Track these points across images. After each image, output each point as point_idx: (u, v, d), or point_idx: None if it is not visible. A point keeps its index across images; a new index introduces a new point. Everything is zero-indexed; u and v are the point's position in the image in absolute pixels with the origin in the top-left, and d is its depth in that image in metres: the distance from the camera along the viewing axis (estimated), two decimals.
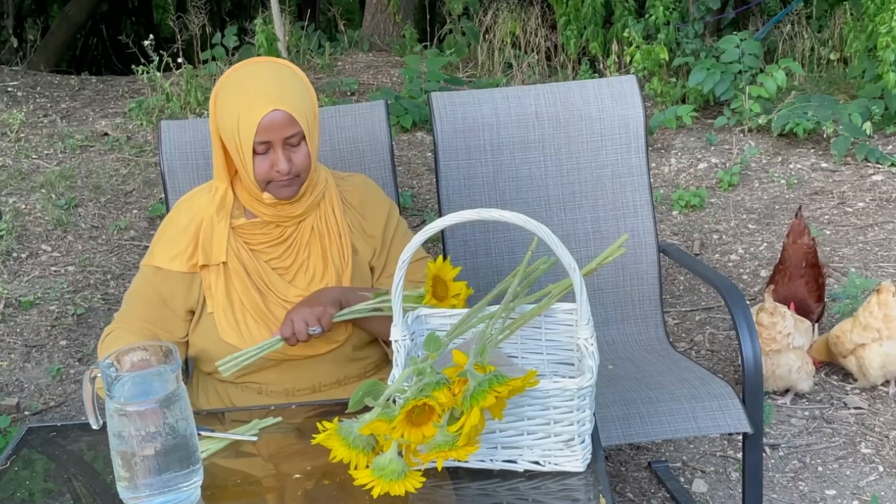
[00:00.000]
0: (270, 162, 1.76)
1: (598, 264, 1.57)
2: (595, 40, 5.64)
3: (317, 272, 1.86)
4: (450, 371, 1.30)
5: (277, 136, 1.75)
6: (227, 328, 1.82)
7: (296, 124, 1.75)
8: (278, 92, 1.75)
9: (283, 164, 1.76)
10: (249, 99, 1.75)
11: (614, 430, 2.03)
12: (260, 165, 1.77)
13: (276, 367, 1.85)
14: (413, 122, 4.94)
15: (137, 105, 5.23)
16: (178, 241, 1.85)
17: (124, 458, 1.29)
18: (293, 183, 1.80)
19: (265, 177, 1.78)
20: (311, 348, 1.82)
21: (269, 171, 1.77)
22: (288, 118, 1.74)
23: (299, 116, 1.76)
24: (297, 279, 1.86)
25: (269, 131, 1.74)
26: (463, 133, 2.50)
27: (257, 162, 1.77)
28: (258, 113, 1.73)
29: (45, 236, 4.07)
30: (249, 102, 1.74)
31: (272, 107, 1.73)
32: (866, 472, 2.60)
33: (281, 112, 1.74)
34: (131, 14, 11.81)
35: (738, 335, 2.06)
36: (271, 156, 1.76)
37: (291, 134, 1.76)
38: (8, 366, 3.33)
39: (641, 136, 2.53)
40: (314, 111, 1.82)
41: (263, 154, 1.77)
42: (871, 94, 4.71)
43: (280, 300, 1.83)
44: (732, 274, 3.74)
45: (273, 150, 1.76)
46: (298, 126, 1.76)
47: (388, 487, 1.30)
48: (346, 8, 10.26)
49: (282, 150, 1.76)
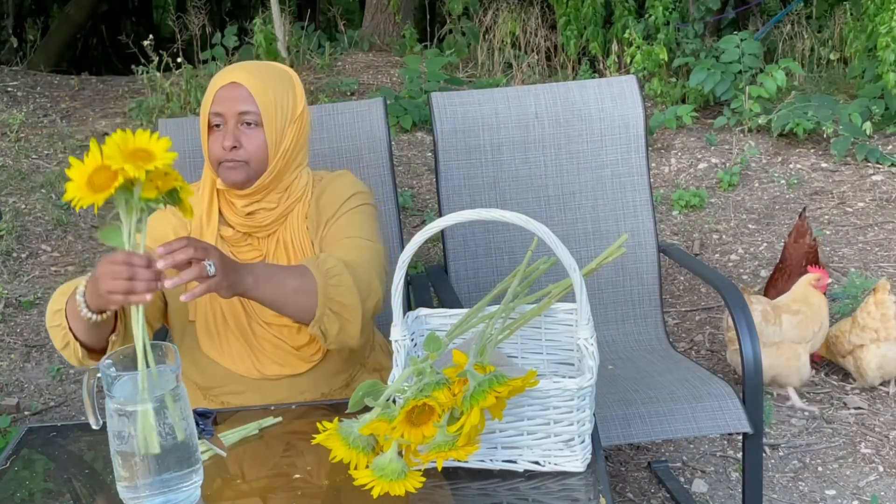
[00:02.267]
0: (221, 139, 1.75)
1: (598, 264, 1.57)
2: (595, 40, 5.64)
3: None
4: (450, 371, 1.30)
5: (230, 110, 1.74)
6: (208, 341, 1.81)
7: (252, 103, 1.74)
8: (245, 73, 1.77)
9: (229, 139, 1.73)
10: (218, 77, 1.78)
11: (614, 430, 2.03)
12: (213, 143, 1.76)
13: (257, 389, 1.82)
14: (413, 122, 4.94)
15: (137, 105, 5.23)
16: (164, 225, 1.82)
17: (124, 458, 1.29)
18: (240, 168, 1.75)
19: (216, 155, 1.76)
20: (289, 368, 1.80)
21: (219, 149, 1.75)
22: (245, 94, 1.74)
23: (259, 97, 1.74)
24: None
25: (222, 102, 1.74)
26: (463, 133, 2.50)
27: (211, 139, 1.77)
28: (217, 84, 1.76)
29: (45, 236, 4.07)
30: (216, 79, 1.78)
31: (232, 79, 1.75)
32: (866, 472, 2.60)
33: (239, 86, 1.74)
34: (131, 14, 11.80)
35: (738, 335, 2.06)
36: (223, 132, 1.75)
37: (245, 111, 1.74)
38: (8, 366, 3.33)
39: (641, 136, 2.54)
40: (290, 111, 1.78)
41: (218, 130, 1.76)
42: (871, 94, 4.71)
43: (259, 320, 1.80)
44: (732, 274, 3.74)
45: (225, 125, 1.75)
46: (255, 106, 1.74)
47: (388, 487, 1.30)
48: (346, 8, 10.25)
49: (233, 126, 1.74)
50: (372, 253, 1.77)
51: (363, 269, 1.71)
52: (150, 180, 1.29)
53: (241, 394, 1.82)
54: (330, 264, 1.65)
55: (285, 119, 1.77)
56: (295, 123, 1.79)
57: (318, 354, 1.82)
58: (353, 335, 1.68)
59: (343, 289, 1.64)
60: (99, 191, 1.23)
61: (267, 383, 1.81)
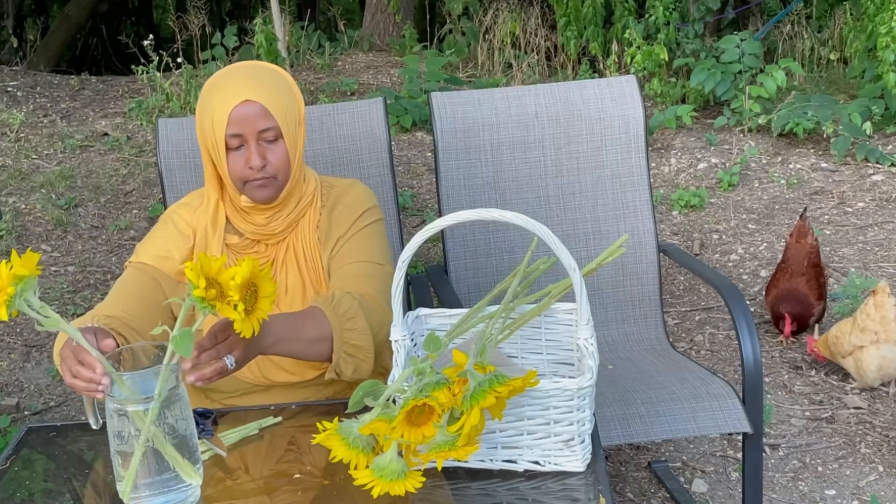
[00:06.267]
0: (245, 159, 1.70)
1: (598, 264, 1.56)
2: (595, 41, 5.64)
3: (297, 293, 1.81)
4: (450, 371, 1.30)
5: (250, 129, 1.69)
6: None
7: (270, 118, 1.69)
8: (251, 85, 1.70)
9: (256, 159, 1.69)
10: (223, 94, 1.70)
11: (614, 430, 2.03)
12: (234, 163, 1.71)
13: (265, 392, 1.81)
14: (413, 122, 4.95)
15: (137, 105, 5.23)
16: (168, 242, 1.80)
17: (124, 458, 1.29)
18: (269, 185, 1.72)
19: (240, 175, 1.71)
20: (298, 375, 1.79)
21: (244, 169, 1.70)
22: (261, 110, 1.68)
23: (274, 110, 1.69)
24: (280, 301, 1.80)
25: (240, 123, 1.68)
26: (463, 133, 2.50)
27: (231, 159, 1.71)
28: (230, 104, 1.67)
29: (45, 236, 4.07)
30: (223, 97, 1.69)
31: (243, 97, 1.68)
32: (866, 472, 2.60)
33: (253, 103, 1.67)
34: (131, 14, 11.81)
35: (738, 335, 2.06)
36: (245, 152, 1.70)
37: (265, 128, 1.69)
38: (8, 366, 3.33)
39: (641, 136, 2.54)
40: (297, 114, 1.76)
41: (237, 150, 1.70)
42: (871, 94, 4.71)
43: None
44: (732, 274, 3.74)
45: (247, 146, 1.70)
46: (273, 120, 1.69)
47: (388, 487, 1.30)
48: (346, 8, 10.26)
49: (255, 145, 1.69)
50: (382, 279, 1.77)
51: (376, 302, 1.71)
52: (226, 297, 1.30)
53: (248, 398, 1.82)
54: (345, 307, 1.65)
55: (295, 124, 1.75)
56: (301, 125, 1.77)
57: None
58: (367, 371, 1.69)
59: (357, 332, 1.64)
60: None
61: (275, 390, 1.81)
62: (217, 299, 1.29)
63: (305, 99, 1.86)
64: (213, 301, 1.29)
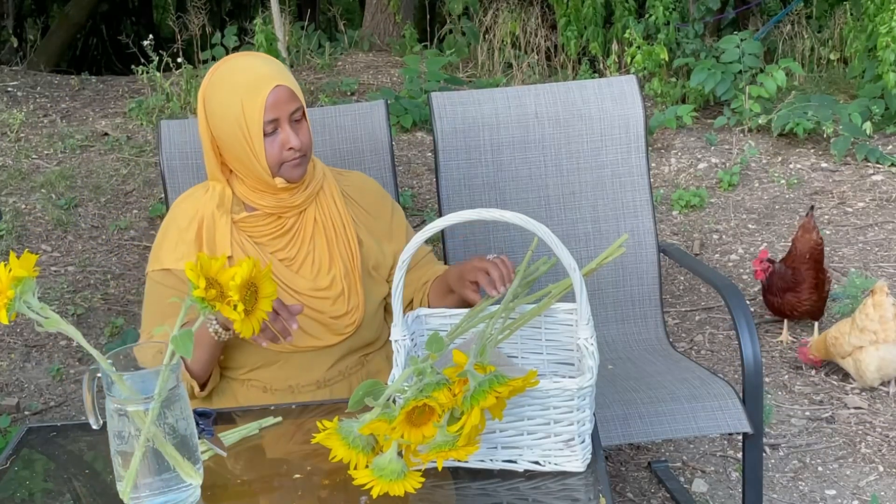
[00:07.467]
0: (280, 143, 1.78)
1: (598, 264, 1.57)
2: (595, 41, 5.65)
3: (323, 264, 1.87)
4: (450, 371, 1.30)
5: (284, 112, 1.77)
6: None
7: (297, 99, 1.78)
8: (274, 69, 1.78)
9: (295, 139, 1.77)
10: (249, 83, 1.76)
11: (614, 430, 2.03)
12: (270, 147, 1.78)
13: (284, 363, 1.86)
14: (413, 122, 4.95)
15: (137, 105, 5.23)
16: (181, 241, 1.84)
17: (124, 458, 1.29)
18: (303, 162, 1.82)
19: (277, 158, 1.79)
20: (320, 340, 1.85)
21: (280, 152, 1.78)
22: (290, 93, 1.77)
23: (297, 90, 1.80)
24: (304, 270, 1.86)
25: (276, 108, 1.76)
26: (463, 133, 2.50)
27: (267, 145, 1.78)
28: (263, 91, 1.75)
29: (45, 236, 4.07)
30: (250, 86, 1.76)
31: (275, 83, 1.75)
32: (866, 472, 2.60)
33: (284, 87, 1.76)
34: (131, 14, 11.81)
35: (738, 335, 2.06)
36: (280, 135, 1.78)
37: (295, 109, 1.78)
38: (8, 366, 3.33)
39: (641, 136, 2.53)
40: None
41: (272, 135, 1.78)
42: (871, 94, 4.71)
43: (290, 290, 1.83)
44: (732, 274, 3.74)
45: (281, 129, 1.78)
46: (299, 101, 1.79)
47: (388, 487, 1.30)
48: (346, 8, 10.27)
49: (290, 126, 1.78)
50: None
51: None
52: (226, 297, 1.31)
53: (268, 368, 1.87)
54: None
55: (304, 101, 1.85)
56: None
57: (352, 327, 1.87)
58: None
59: None
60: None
61: (295, 357, 1.85)
62: (217, 299, 1.30)
63: (306, 99, 1.90)
64: (213, 301, 1.29)
